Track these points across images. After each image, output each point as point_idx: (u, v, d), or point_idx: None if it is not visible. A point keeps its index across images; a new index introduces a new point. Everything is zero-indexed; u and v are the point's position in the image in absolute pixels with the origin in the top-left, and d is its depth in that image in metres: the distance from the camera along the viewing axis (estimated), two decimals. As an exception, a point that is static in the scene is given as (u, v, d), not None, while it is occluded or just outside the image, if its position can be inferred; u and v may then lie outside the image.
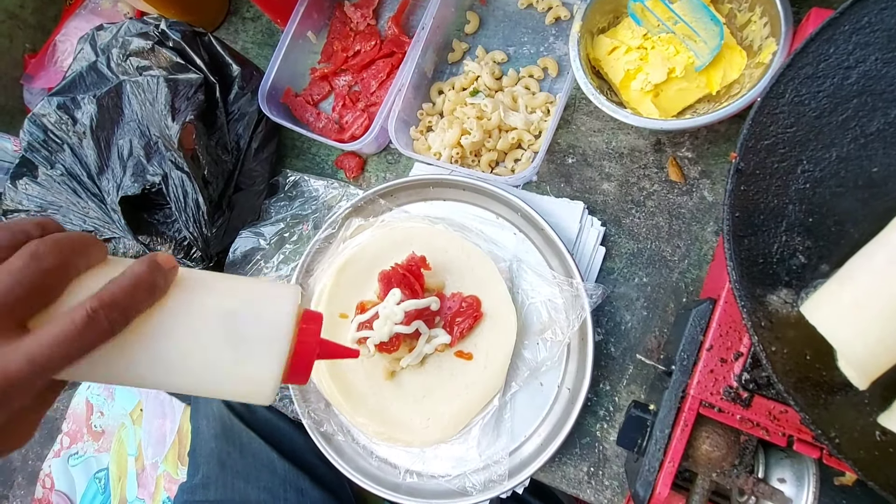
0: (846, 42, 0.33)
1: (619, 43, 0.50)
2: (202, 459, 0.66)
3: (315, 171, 0.66)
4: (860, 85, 0.33)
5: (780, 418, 0.36)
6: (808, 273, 0.33)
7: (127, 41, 0.62)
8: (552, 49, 0.58)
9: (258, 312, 0.29)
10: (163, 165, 0.58)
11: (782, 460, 0.38)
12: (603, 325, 0.51)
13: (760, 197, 0.34)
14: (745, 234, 0.33)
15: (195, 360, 0.27)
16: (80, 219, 0.61)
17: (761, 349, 0.31)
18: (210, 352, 0.28)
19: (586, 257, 0.52)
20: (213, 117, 0.61)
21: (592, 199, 0.54)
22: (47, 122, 0.62)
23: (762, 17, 0.46)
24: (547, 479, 0.50)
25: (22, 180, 0.63)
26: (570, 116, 0.56)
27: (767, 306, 0.33)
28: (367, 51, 0.63)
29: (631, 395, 0.49)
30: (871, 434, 0.30)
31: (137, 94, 0.60)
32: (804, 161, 0.34)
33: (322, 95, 0.66)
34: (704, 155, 0.51)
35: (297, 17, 0.64)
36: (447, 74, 0.62)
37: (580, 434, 0.50)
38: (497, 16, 0.61)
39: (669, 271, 0.50)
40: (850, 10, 0.33)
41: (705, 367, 0.38)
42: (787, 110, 0.34)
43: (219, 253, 0.62)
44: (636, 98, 0.49)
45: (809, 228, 0.33)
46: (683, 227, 0.50)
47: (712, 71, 0.48)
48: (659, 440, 0.38)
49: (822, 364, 0.31)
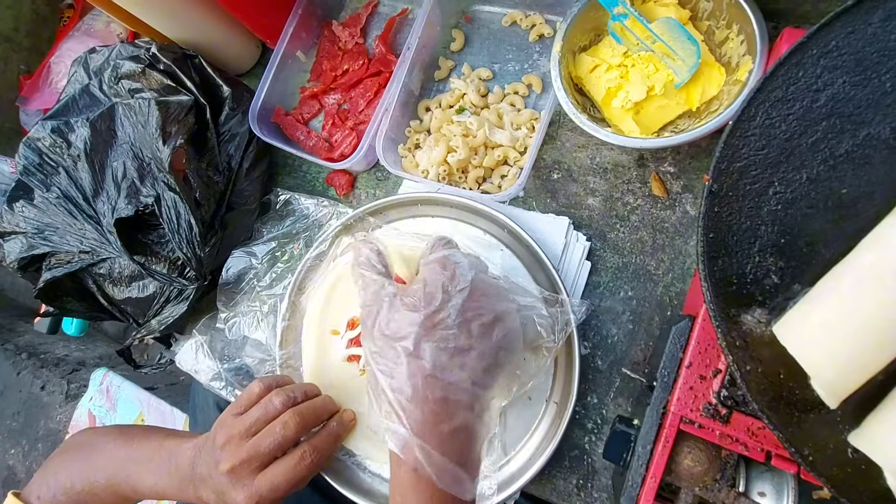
0: (814, 66, 0.34)
1: (600, 61, 0.51)
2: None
3: (306, 188, 0.67)
4: (829, 107, 0.34)
5: (758, 434, 0.36)
6: (781, 293, 0.34)
7: (118, 64, 0.63)
8: (536, 66, 0.59)
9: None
10: (155, 187, 0.59)
11: (763, 474, 0.38)
12: (590, 339, 0.52)
13: (734, 218, 0.34)
14: (718, 254, 0.34)
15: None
16: (76, 240, 0.62)
17: (736, 368, 0.32)
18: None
19: (572, 272, 0.52)
20: (205, 138, 0.62)
21: (578, 214, 0.54)
22: (42, 145, 0.63)
23: (739, 34, 0.47)
24: (537, 492, 0.51)
25: (18, 203, 0.64)
26: (555, 133, 0.56)
27: (742, 326, 0.34)
28: (356, 70, 0.64)
29: (618, 407, 0.50)
30: (844, 451, 0.31)
31: (130, 117, 0.60)
32: (776, 183, 0.34)
33: (312, 114, 0.67)
34: (686, 170, 0.51)
35: (287, 36, 0.65)
36: (434, 92, 0.63)
37: (569, 447, 0.51)
38: (482, 34, 0.62)
39: (654, 285, 0.51)
40: (817, 35, 0.34)
41: (685, 383, 0.38)
42: (759, 133, 0.35)
43: (212, 272, 0.63)
44: (618, 115, 0.50)
45: (782, 249, 0.34)
46: (667, 242, 0.51)
47: (692, 88, 0.49)
48: (641, 456, 0.39)
49: (796, 383, 0.32)
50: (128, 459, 0.48)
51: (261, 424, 0.42)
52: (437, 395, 0.34)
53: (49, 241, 0.62)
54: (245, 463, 0.40)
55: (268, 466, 0.41)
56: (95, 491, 0.48)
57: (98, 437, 0.52)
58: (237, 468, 0.40)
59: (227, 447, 0.41)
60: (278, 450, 0.42)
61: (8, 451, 1.18)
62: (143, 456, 0.48)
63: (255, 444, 0.41)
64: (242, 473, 0.40)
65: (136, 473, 0.47)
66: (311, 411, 0.44)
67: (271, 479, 0.40)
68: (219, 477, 0.41)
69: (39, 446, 1.19)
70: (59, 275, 0.62)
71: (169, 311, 0.63)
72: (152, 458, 0.47)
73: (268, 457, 0.41)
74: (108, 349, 1.29)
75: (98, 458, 0.49)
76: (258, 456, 0.41)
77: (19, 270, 0.64)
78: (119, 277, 0.64)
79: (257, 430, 0.42)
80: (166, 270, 0.61)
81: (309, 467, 0.42)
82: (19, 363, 1.18)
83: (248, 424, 0.42)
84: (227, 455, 0.41)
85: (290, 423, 0.42)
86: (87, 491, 0.48)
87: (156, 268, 0.61)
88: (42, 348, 1.23)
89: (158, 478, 0.46)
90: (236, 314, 0.63)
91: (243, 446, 0.41)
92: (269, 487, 0.40)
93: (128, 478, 0.47)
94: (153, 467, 0.46)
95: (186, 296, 0.62)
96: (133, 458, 0.48)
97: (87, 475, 0.48)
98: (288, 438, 0.42)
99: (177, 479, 0.45)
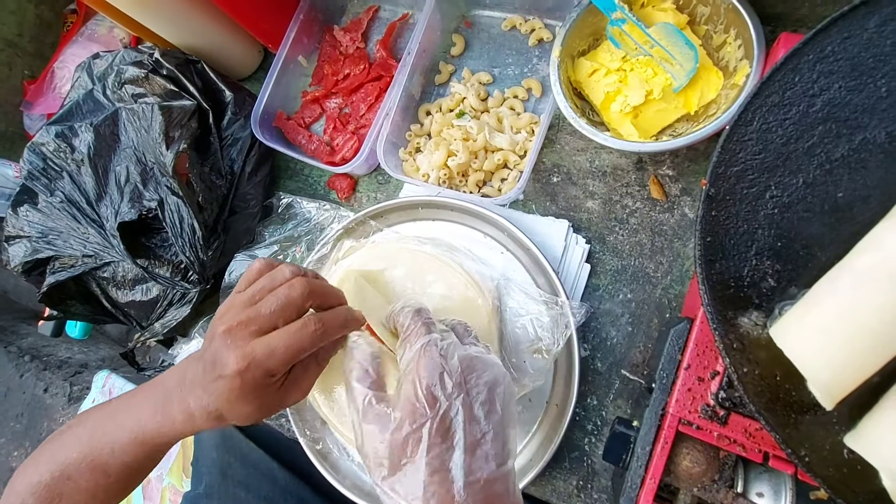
0: (810, 71, 0.34)
1: (598, 65, 0.51)
2: (205, 469, 0.67)
3: (308, 191, 0.67)
4: (825, 112, 0.34)
5: (755, 435, 0.37)
6: (778, 296, 0.34)
7: (122, 69, 0.63)
8: (536, 70, 0.59)
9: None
10: (159, 191, 0.59)
11: (761, 475, 0.39)
12: (589, 341, 0.52)
13: (731, 222, 0.35)
14: (716, 258, 0.34)
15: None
16: (80, 244, 0.63)
17: (733, 370, 0.32)
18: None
19: (572, 274, 0.53)
20: (207, 143, 0.63)
21: (577, 217, 0.55)
22: (46, 150, 0.63)
23: (736, 39, 0.47)
24: (537, 493, 0.51)
25: (23, 207, 0.65)
26: (555, 136, 0.57)
27: (739, 328, 0.34)
28: (357, 74, 0.65)
29: (618, 409, 0.51)
30: (840, 452, 0.31)
31: (133, 122, 0.61)
32: (772, 187, 0.35)
33: (314, 118, 0.68)
34: (685, 173, 0.52)
35: (289, 41, 0.66)
36: (434, 96, 0.63)
37: (569, 448, 0.51)
38: (482, 38, 0.62)
39: (653, 287, 0.51)
40: (813, 40, 0.34)
41: (683, 385, 0.39)
42: (756, 137, 0.35)
43: (215, 275, 0.63)
44: (616, 119, 0.51)
45: (778, 252, 0.34)
46: (665, 244, 0.51)
47: (690, 92, 0.49)
48: (640, 457, 0.39)
49: (792, 384, 0.32)
50: (104, 416, 0.41)
51: (265, 293, 0.37)
52: (479, 498, 0.32)
53: (53, 245, 0.63)
54: (242, 324, 0.35)
55: (268, 333, 0.36)
56: (68, 473, 0.40)
57: (77, 416, 0.44)
58: (234, 328, 0.35)
59: (226, 315, 0.36)
60: (280, 313, 0.36)
61: (11, 453, 1.19)
62: (121, 404, 0.41)
63: (256, 307, 0.36)
64: (238, 335, 0.35)
65: (113, 425, 0.40)
66: (320, 286, 0.39)
67: (268, 341, 0.35)
68: (211, 347, 0.36)
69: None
70: (63, 278, 0.63)
71: (172, 315, 0.64)
72: (132, 398, 0.41)
73: (268, 321, 0.36)
74: (110, 352, 1.30)
75: (70, 433, 0.42)
76: (258, 318, 0.35)
77: (24, 274, 0.64)
78: (123, 281, 0.64)
79: (261, 299, 0.37)
80: (169, 274, 0.62)
81: (311, 336, 0.36)
82: (23, 365, 1.19)
83: (252, 292, 0.37)
84: (225, 320, 0.36)
85: (297, 285, 0.37)
86: (59, 477, 0.40)
87: (159, 271, 0.62)
88: (45, 351, 1.24)
89: (140, 413, 0.39)
90: (239, 317, 0.63)
91: (244, 311, 0.36)
92: (264, 349, 0.34)
93: (104, 436, 0.40)
94: (134, 406, 0.40)
95: (189, 299, 0.63)
96: (111, 410, 0.42)
97: (57, 458, 0.41)
98: (292, 300, 0.36)
99: (161, 400, 0.39)
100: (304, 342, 0.35)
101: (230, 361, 0.34)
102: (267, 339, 0.35)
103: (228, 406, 0.35)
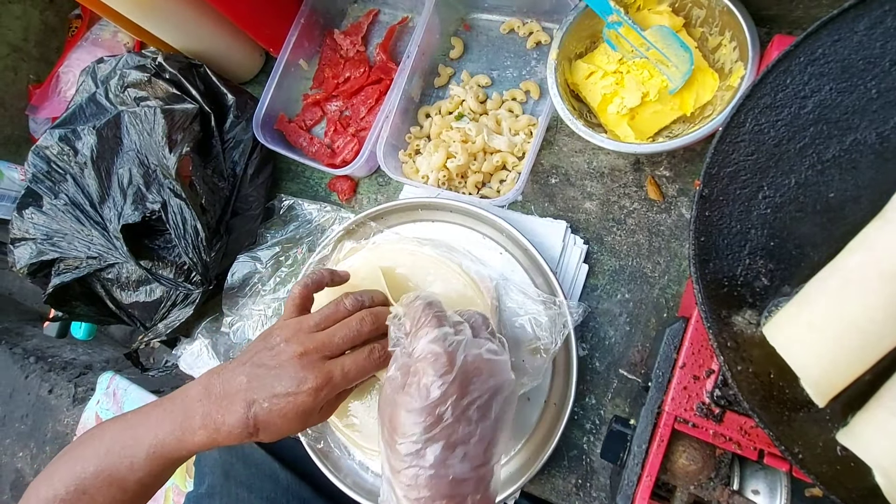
0: (802, 73, 0.35)
1: (595, 68, 0.52)
2: (207, 469, 0.68)
3: (309, 193, 0.68)
4: (816, 113, 0.35)
5: (750, 433, 0.37)
6: (771, 294, 0.34)
7: (125, 73, 0.64)
8: (534, 72, 0.60)
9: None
10: (161, 193, 0.60)
11: (756, 472, 0.39)
12: (588, 341, 0.53)
13: (724, 222, 0.35)
14: (710, 257, 0.35)
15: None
16: (84, 246, 0.64)
17: (727, 368, 0.33)
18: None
19: (570, 275, 0.53)
20: (209, 146, 0.64)
21: (575, 218, 0.55)
22: (50, 153, 0.64)
23: (731, 41, 0.47)
24: (536, 492, 0.51)
25: (28, 210, 0.65)
26: (553, 138, 0.57)
27: (733, 327, 0.34)
28: (357, 77, 0.66)
29: (616, 408, 0.51)
30: (833, 449, 0.32)
31: (135, 125, 0.62)
32: (765, 187, 0.35)
33: (314, 120, 0.68)
34: (682, 173, 0.52)
35: (290, 45, 0.67)
36: (434, 98, 0.64)
37: (567, 447, 0.51)
38: (481, 41, 0.63)
39: (650, 287, 0.52)
40: (804, 43, 0.35)
41: (679, 384, 0.39)
42: (748, 139, 0.36)
43: (217, 276, 0.64)
44: (613, 121, 0.51)
45: (771, 252, 0.35)
46: (663, 244, 0.52)
47: (686, 93, 0.50)
48: (637, 455, 0.40)
49: (786, 382, 0.33)
50: (121, 430, 0.41)
51: (330, 322, 0.41)
52: (443, 492, 0.34)
53: (58, 247, 0.63)
54: (316, 350, 0.39)
55: (336, 358, 0.40)
56: (84, 487, 0.40)
57: (93, 429, 0.44)
58: (310, 352, 0.39)
59: (294, 339, 0.40)
60: (349, 344, 0.41)
61: (16, 453, 1.20)
62: (138, 417, 0.42)
63: (329, 333, 0.40)
64: (313, 358, 0.39)
65: (132, 439, 0.40)
66: (382, 314, 0.43)
67: (342, 364, 0.40)
68: (281, 367, 0.39)
69: (47, 449, 1.20)
70: (67, 280, 0.64)
71: (175, 315, 0.65)
72: (150, 412, 0.41)
73: (339, 349, 0.40)
74: (114, 353, 1.31)
75: (86, 446, 0.42)
76: (331, 345, 0.40)
77: (29, 275, 0.65)
78: (126, 282, 0.65)
79: (326, 328, 0.41)
80: (172, 275, 0.62)
81: (375, 363, 0.41)
82: (27, 367, 1.20)
83: (318, 320, 0.41)
84: (295, 344, 0.39)
85: (367, 319, 0.41)
86: (75, 491, 0.40)
87: (162, 272, 0.62)
88: (50, 352, 1.25)
89: (159, 427, 0.39)
90: (241, 318, 0.64)
91: (315, 336, 0.40)
92: (340, 371, 0.39)
93: (122, 450, 0.40)
94: (153, 420, 0.40)
95: (192, 300, 0.64)
96: (128, 424, 0.42)
97: (73, 472, 0.40)
98: (362, 334, 0.41)
99: (181, 414, 0.39)
100: (369, 367, 0.41)
101: (310, 379, 0.38)
102: (341, 363, 0.40)
103: (283, 421, 0.38)
